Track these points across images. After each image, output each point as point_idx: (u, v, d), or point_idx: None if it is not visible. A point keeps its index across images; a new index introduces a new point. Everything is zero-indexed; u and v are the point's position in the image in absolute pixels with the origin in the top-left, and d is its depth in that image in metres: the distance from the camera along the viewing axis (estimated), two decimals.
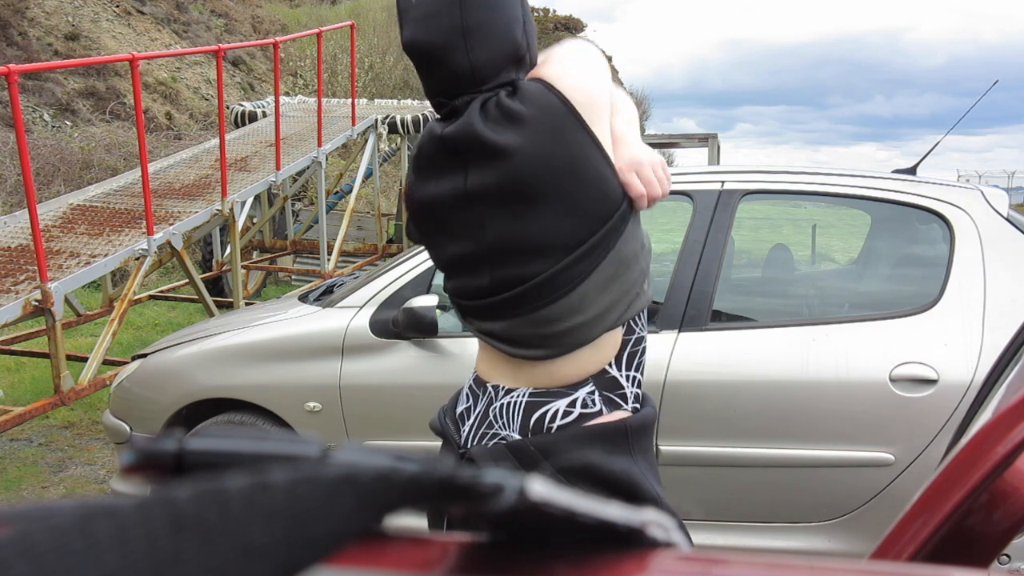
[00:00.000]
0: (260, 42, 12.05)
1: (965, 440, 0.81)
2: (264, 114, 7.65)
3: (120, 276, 6.15)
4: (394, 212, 9.45)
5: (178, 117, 12.37)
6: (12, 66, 3.62)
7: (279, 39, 6.50)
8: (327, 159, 6.84)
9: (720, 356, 2.62)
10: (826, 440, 2.53)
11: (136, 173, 5.27)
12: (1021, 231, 2.64)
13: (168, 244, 4.71)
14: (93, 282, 4.82)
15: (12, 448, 4.34)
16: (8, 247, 4.32)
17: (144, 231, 4.51)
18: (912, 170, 3.17)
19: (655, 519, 0.39)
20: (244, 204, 6.05)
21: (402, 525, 0.35)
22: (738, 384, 2.58)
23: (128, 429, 3.18)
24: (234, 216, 5.42)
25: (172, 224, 4.78)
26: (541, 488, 0.33)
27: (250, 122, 7.65)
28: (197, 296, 5.30)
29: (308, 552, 0.28)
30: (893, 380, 2.48)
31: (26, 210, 4.05)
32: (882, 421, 2.49)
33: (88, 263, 4.16)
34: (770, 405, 2.56)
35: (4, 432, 3.80)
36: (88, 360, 4.07)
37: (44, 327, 3.99)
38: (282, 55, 11.19)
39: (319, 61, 6.94)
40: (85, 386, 3.94)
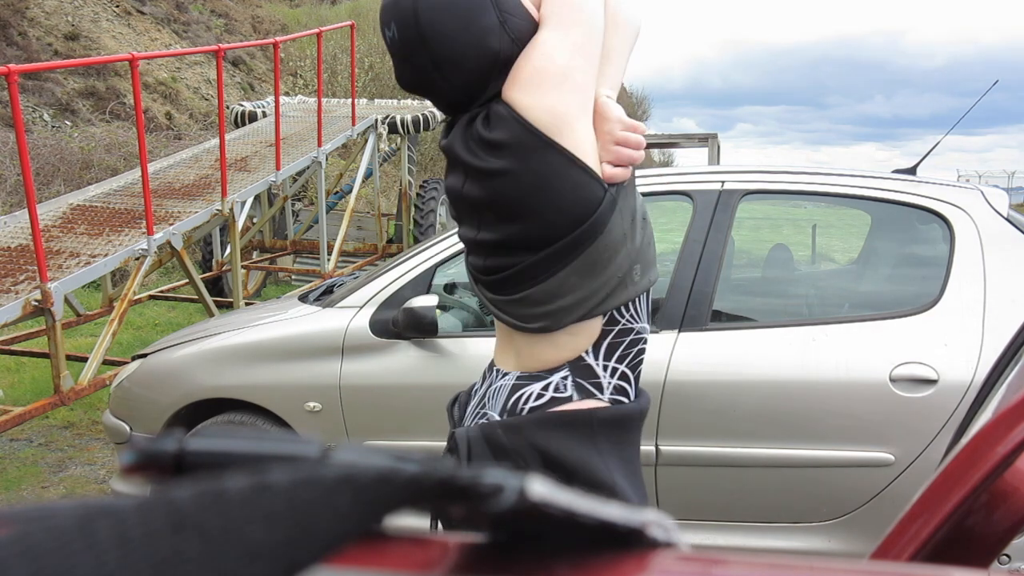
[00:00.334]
0: (260, 42, 12.06)
1: (965, 440, 0.81)
2: (264, 114, 7.65)
3: (120, 276, 6.15)
4: (394, 212, 9.45)
5: (178, 117, 12.37)
6: (12, 66, 3.62)
7: (279, 39, 6.51)
8: (327, 159, 6.84)
9: (720, 356, 2.62)
10: (826, 440, 2.53)
11: (136, 173, 5.27)
12: (1021, 231, 2.64)
13: (168, 244, 4.71)
14: (93, 282, 4.83)
15: (12, 448, 4.34)
16: (8, 247, 4.32)
17: (144, 231, 4.51)
18: (912, 170, 3.17)
19: (655, 519, 0.39)
20: (244, 204, 6.05)
21: (402, 525, 0.35)
22: (738, 384, 2.58)
23: (128, 429, 3.18)
24: (234, 216, 5.42)
25: (172, 224, 4.79)
26: (541, 488, 0.33)
27: (250, 122, 7.65)
28: (197, 296, 5.30)
29: (308, 552, 0.28)
30: (893, 380, 2.48)
31: (26, 210, 4.05)
32: (882, 421, 2.49)
33: (88, 263, 4.16)
34: (770, 405, 2.56)
35: (4, 432, 3.80)
36: (88, 360, 4.07)
37: (44, 327, 3.99)
38: (282, 55, 11.19)
39: (319, 61, 6.94)
40: (85, 386, 3.94)
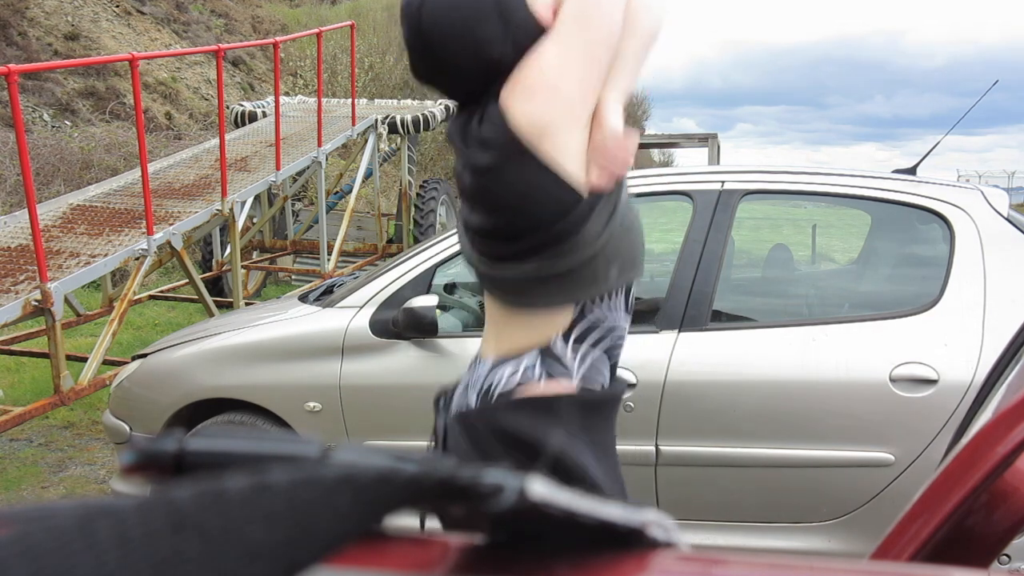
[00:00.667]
0: (260, 42, 12.07)
1: (965, 440, 0.81)
2: (264, 114, 7.65)
3: (120, 276, 6.14)
4: (394, 212, 9.45)
5: (178, 117, 12.37)
6: (12, 66, 3.62)
7: (279, 39, 6.51)
8: (327, 159, 6.84)
9: (720, 356, 2.62)
10: (826, 440, 2.53)
11: (136, 173, 5.27)
12: (1021, 231, 2.64)
13: (168, 244, 4.71)
14: (93, 282, 4.82)
15: (12, 448, 4.34)
16: (8, 247, 4.32)
17: (144, 231, 4.51)
18: (912, 170, 3.17)
19: (655, 519, 0.39)
20: (244, 204, 6.04)
21: (402, 525, 0.35)
22: (738, 384, 2.58)
23: (128, 429, 3.18)
24: (234, 216, 5.42)
25: (172, 224, 4.79)
26: (541, 488, 0.33)
27: (250, 122, 7.64)
28: (197, 296, 5.30)
29: (308, 552, 0.28)
30: (893, 380, 2.48)
31: (26, 210, 4.05)
32: (882, 421, 2.49)
33: (88, 263, 4.16)
34: (770, 405, 2.56)
35: (4, 432, 3.80)
36: (88, 360, 4.07)
37: (44, 327, 3.99)
38: (282, 55, 11.19)
39: (319, 61, 6.95)
40: (85, 386, 3.94)
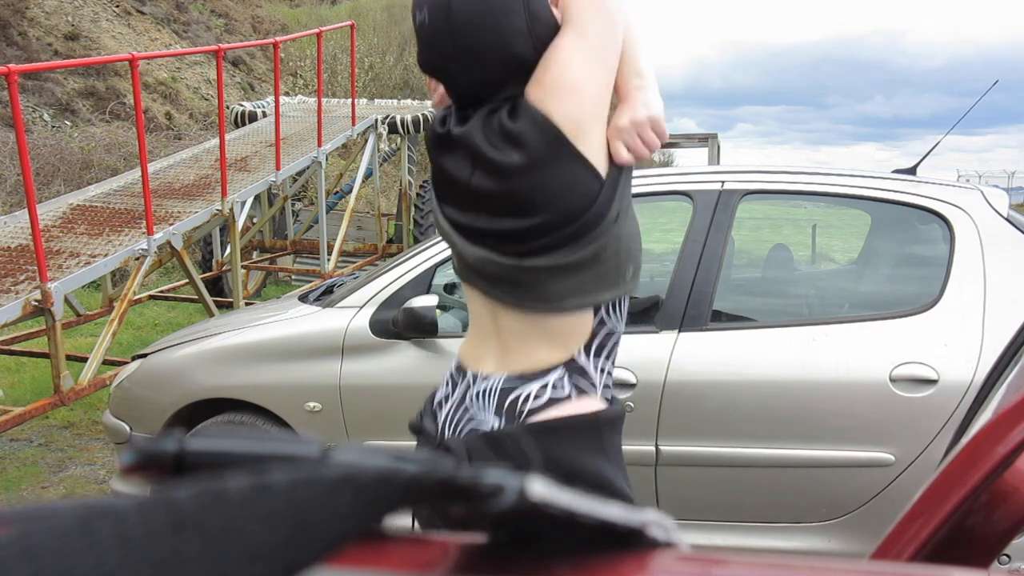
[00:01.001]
0: (260, 42, 12.06)
1: (965, 440, 0.81)
2: (264, 114, 7.65)
3: (120, 276, 6.15)
4: (394, 212, 9.45)
5: (178, 117, 12.37)
6: (12, 66, 3.62)
7: (279, 39, 6.51)
8: (327, 159, 6.84)
9: (720, 356, 2.62)
10: (826, 440, 2.53)
11: (136, 173, 5.27)
12: (1021, 231, 2.64)
13: (168, 244, 4.71)
14: (93, 282, 4.82)
15: (12, 448, 4.34)
16: (8, 247, 4.32)
17: (144, 231, 4.51)
18: (912, 170, 3.17)
19: (655, 519, 0.39)
20: (244, 204, 6.04)
21: (402, 525, 0.35)
22: (738, 384, 2.58)
23: (128, 429, 3.18)
24: (234, 216, 5.42)
25: (172, 224, 4.78)
26: (541, 488, 0.33)
27: (250, 122, 7.64)
28: (197, 296, 5.30)
29: (308, 552, 0.28)
30: (893, 380, 2.48)
31: (26, 210, 4.05)
32: (882, 421, 2.49)
33: (88, 263, 4.16)
34: (770, 405, 2.56)
35: (4, 432, 3.80)
36: (88, 360, 4.07)
37: (44, 327, 3.99)
38: (282, 55, 11.19)
39: (319, 61, 6.94)
40: (85, 386, 3.94)
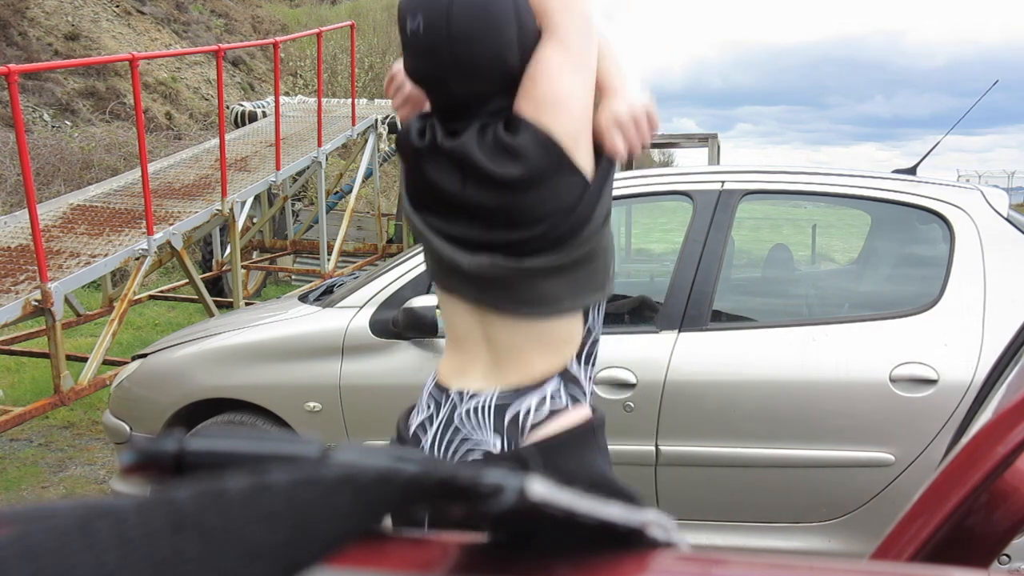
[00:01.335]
0: (260, 42, 12.06)
1: (965, 440, 0.81)
2: (264, 114, 7.65)
3: (120, 276, 6.14)
4: (394, 212, 9.45)
5: (178, 117, 12.37)
6: (12, 66, 3.62)
7: (279, 39, 6.51)
8: (327, 159, 6.84)
9: (720, 356, 2.62)
10: (826, 440, 2.53)
11: (136, 173, 5.27)
12: (1021, 231, 2.64)
13: (168, 244, 4.71)
14: (93, 282, 4.82)
15: (12, 448, 4.33)
16: (8, 247, 4.32)
17: (144, 231, 4.51)
18: (912, 170, 3.17)
19: (655, 519, 0.39)
20: (244, 204, 6.05)
21: (402, 525, 0.35)
22: (738, 384, 2.58)
23: (128, 429, 3.18)
24: (234, 216, 5.42)
25: (172, 224, 4.78)
26: (541, 488, 0.33)
27: (250, 122, 7.65)
28: (197, 296, 5.30)
29: (308, 552, 0.28)
30: (893, 380, 2.48)
31: (26, 210, 4.05)
32: (882, 421, 2.49)
33: (88, 263, 4.16)
34: (770, 405, 2.56)
35: (4, 432, 3.80)
36: (88, 360, 4.07)
37: (44, 327, 3.99)
38: (282, 55, 11.18)
39: (319, 61, 6.94)
40: (85, 386, 3.94)
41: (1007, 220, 2.65)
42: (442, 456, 1.33)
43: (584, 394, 1.34)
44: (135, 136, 6.16)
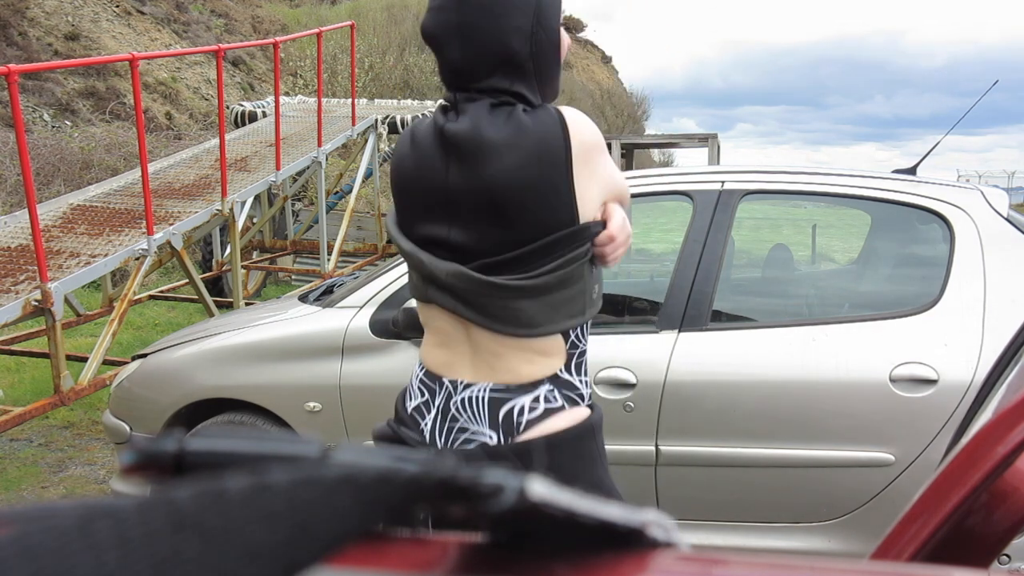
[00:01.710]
0: (260, 42, 12.05)
1: (965, 440, 0.81)
2: (264, 114, 7.65)
3: (120, 276, 6.14)
4: None
5: (178, 117, 12.37)
6: (12, 66, 3.62)
7: (279, 39, 6.50)
8: (327, 159, 6.84)
9: (720, 356, 2.61)
10: (826, 440, 2.53)
11: (136, 173, 5.27)
12: (1021, 231, 2.64)
13: (168, 244, 4.71)
14: (93, 282, 4.82)
15: (12, 448, 4.33)
16: (8, 247, 4.32)
17: (144, 231, 4.50)
18: (912, 170, 3.17)
19: (655, 519, 0.39)
20: (244, 204, 6.04)
21: (401, 525, 0.35)
22: (738, 384, 2.58)
23: (128, 429, 3.18)
24: (234, 216, 5.41)
25: (172, 224, 4.78)
26: (541, 488, 0.33)
27: (250, 122, 7.64)
28: (197, 296, 5.30)
29: (308, 552, 0.28)
30: (893, 380, 2.48)
31: (26, 210, 4.05)
32: (882, 421, 2.49)
33: (88, 263, 4.16)
34: (770, 405, 2.56)
35: (4, 432, 3.80)
36: (88, 360, 4.07)
37: (44, 327, 3.98)
38: (282, 55, 11.19)
39: (319, 61, 6.94)
40: (85, 386, 3.94)
41: (1007, 220, 2.65)
42: (440, 443, 1.36)
43: (581, 396, 1.37)
44: (135, 136, 6.16)
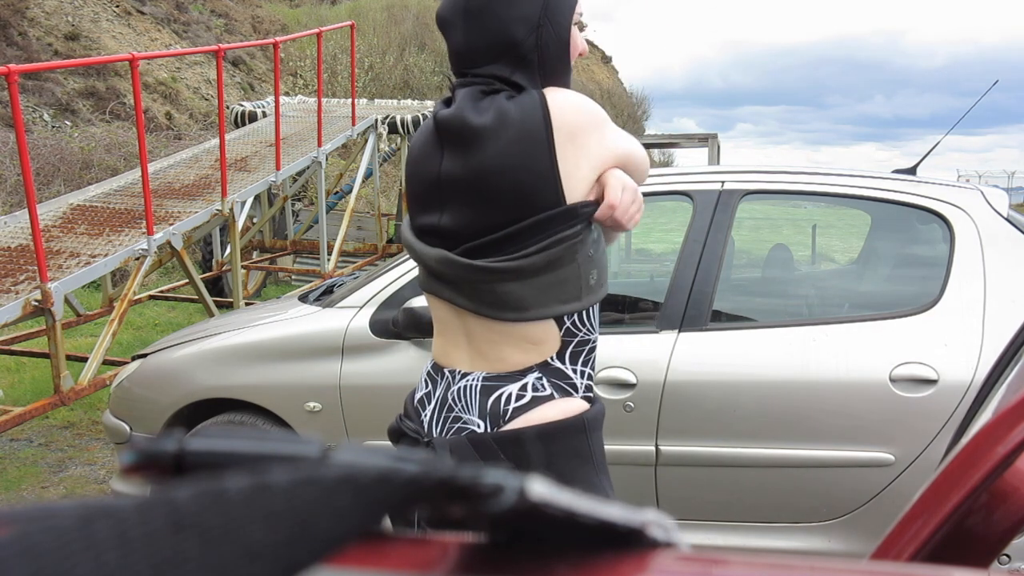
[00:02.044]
0: (260, 42, 12.05)
1: (965, 440, 0.81)
2: (264, 114, 7.65)
3: (120, 276, 6.14)
4: (394, 212, 9.45)
5: (178, 117, 12.37)
6: (12, 66, 3.62)
7: (279, 39, 6.50)
8: (327, 159, 6.84)
9: (720, 356, 2.62)
10: (826, 440, 2.53)
11: (136, 173, 5.27)
12: (1021, 231, 2.64)
13: (168, 244, 4.71)
14: (93, 282, 4.82)
15: (12, 448, 4.34)
16: (8, 247, 4.32)
17: (144, 231, 4.50)
18: (912, 170, 3.17)
19: (655, 519, 0.39)
20: (244, 204, 6.04)
21: (402, 525, 0.35)
22: (738, 384, 2.58)
23: (128, 429, 3.18)
24: (234, 216, 5.42)
25: (172, 224, 4.78)
26: (541, 488, 0.33)
27: (250, 122, 7.64)
28: (197, 296, 5.30)
29: (308, 552, 0.28)
30: (893, 380, 2.48)
31: (26, 210, 4.05)
32: (882, 421, 2.49)
33: (88, 263, 4.16)
34: (770, 405, 2.56)
35: (4, 432, 3.80)
36: (88, 360, 4.07)
37: (44, 327, 3.98)
38: (282, 55, 11.19)
39: (319, 61, 6.94)
40: (85, 386, 3.94)
41: (1007, 220, 2.65)
42: (437, 433, 1.38)
43: (574, 387, 1.37)
44: (135, 136, 6.16)
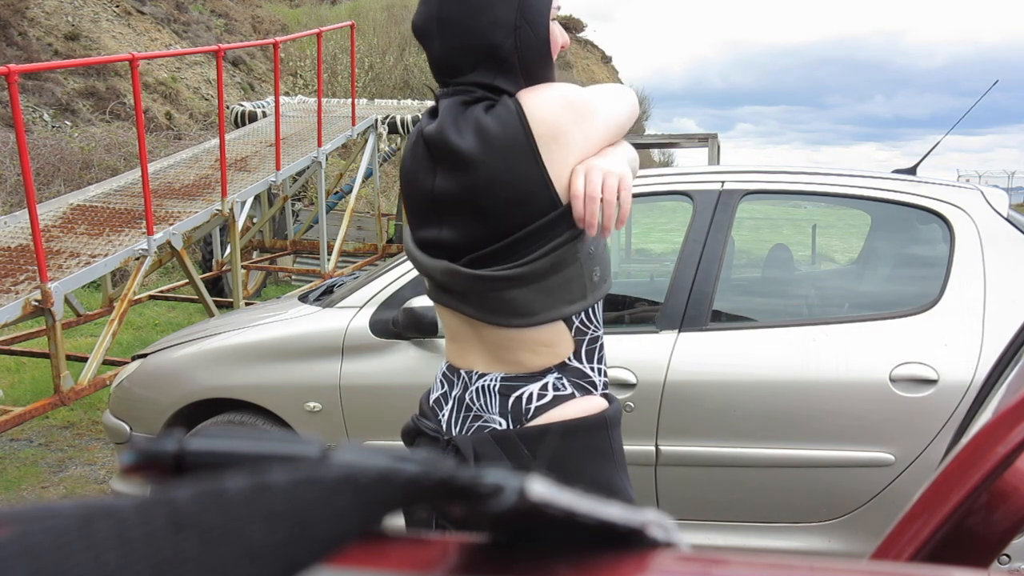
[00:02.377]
0: (260, 42, 12.04)
1: (965, 440, 0.81)
2: (264, 114, 7.65)
3: (120, 276, 6.15)
4: (394, 212, 9.45)
5: (178, 117, 12.37)
6: (12, 66, 3.62)
7: (279, 39, 6.50)
8: (327, 159, 6.84)
9: (720, 356, 2.62)
10: (826, 440, 2.53)
11: (136, 173, 5.27)
12: (1021, 231, 2.64)
13: (168, 244, 4.71)
14: (93, 282, 4.82)
15: (12, 448, 4.34)
16: (8, 247, 4.32)
17: (144, 231, 4.51)
18: (912, 170, 3.17)
19: (655, 519, 0.39)
20: (244, 204, 6.04)
21: (401, 525, 0.35)
22: (738, 384, 2.58)
23: (128, 429, 3.18)
24: (234, 216, 5.42)
25: (172, 224, 4.78)
26: (541, 488, 0.33)
27: (250, 122, 7.64)
28: (197, 296, 5.30)
29: (308, 552, 0.28)
30: (893, 380, 2.48)
31: (26, 210, 4.05)
32: (882, 421, 2.49)
33: (88, 263, 4.16)
34: (770, 405, 2.56)
35: (4, 432, 3.80)
36: (88, 360, 4.07)
37: (44, 327, 3.99)
38: (282, 55, 11.19)
39: (319, 61, 6.94)
40: (85, 386, 3.94)
41: (1007, 220, 2.65)
42: (456, 432, 1.37)
43: (594, 385, 1.37)
44: (135, 136, 6.16)
